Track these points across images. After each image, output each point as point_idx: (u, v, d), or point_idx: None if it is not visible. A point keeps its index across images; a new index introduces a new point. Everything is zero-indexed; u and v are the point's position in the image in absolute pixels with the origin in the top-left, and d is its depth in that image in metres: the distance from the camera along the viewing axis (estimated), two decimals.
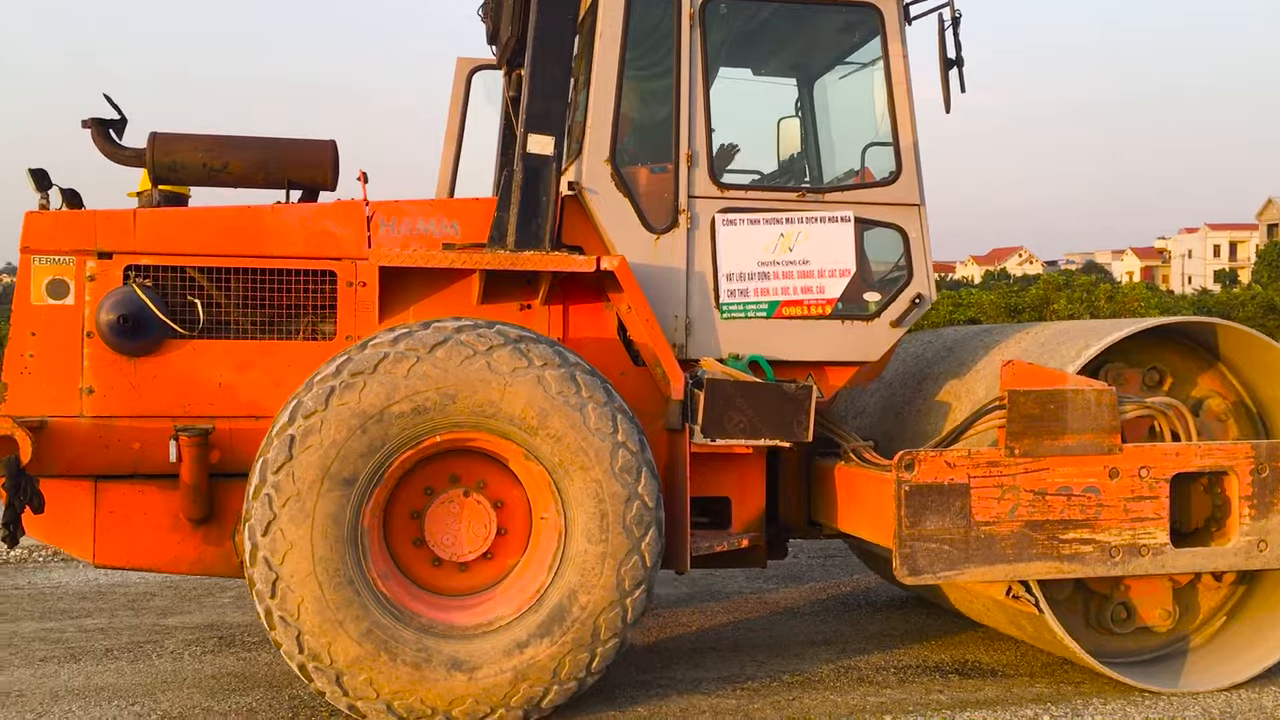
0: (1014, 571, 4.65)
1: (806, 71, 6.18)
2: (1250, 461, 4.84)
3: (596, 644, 4.43)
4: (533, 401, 4.34)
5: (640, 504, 4.42)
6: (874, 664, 5.51)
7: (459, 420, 4.32)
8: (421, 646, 4.31)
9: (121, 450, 4.74)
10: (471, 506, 4.61)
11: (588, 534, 4.40)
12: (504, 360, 4.33)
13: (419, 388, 4.28)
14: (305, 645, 4.24)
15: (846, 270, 5.16)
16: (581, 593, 4.40)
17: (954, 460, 4.61)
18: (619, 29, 4.99)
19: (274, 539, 4.20)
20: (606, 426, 4.38)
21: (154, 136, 4.95)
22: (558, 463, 4.39)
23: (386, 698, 4.27)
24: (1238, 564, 4.87)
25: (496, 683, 4.33)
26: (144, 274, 4.78)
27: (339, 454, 4.23)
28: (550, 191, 4.86)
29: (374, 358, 4.27)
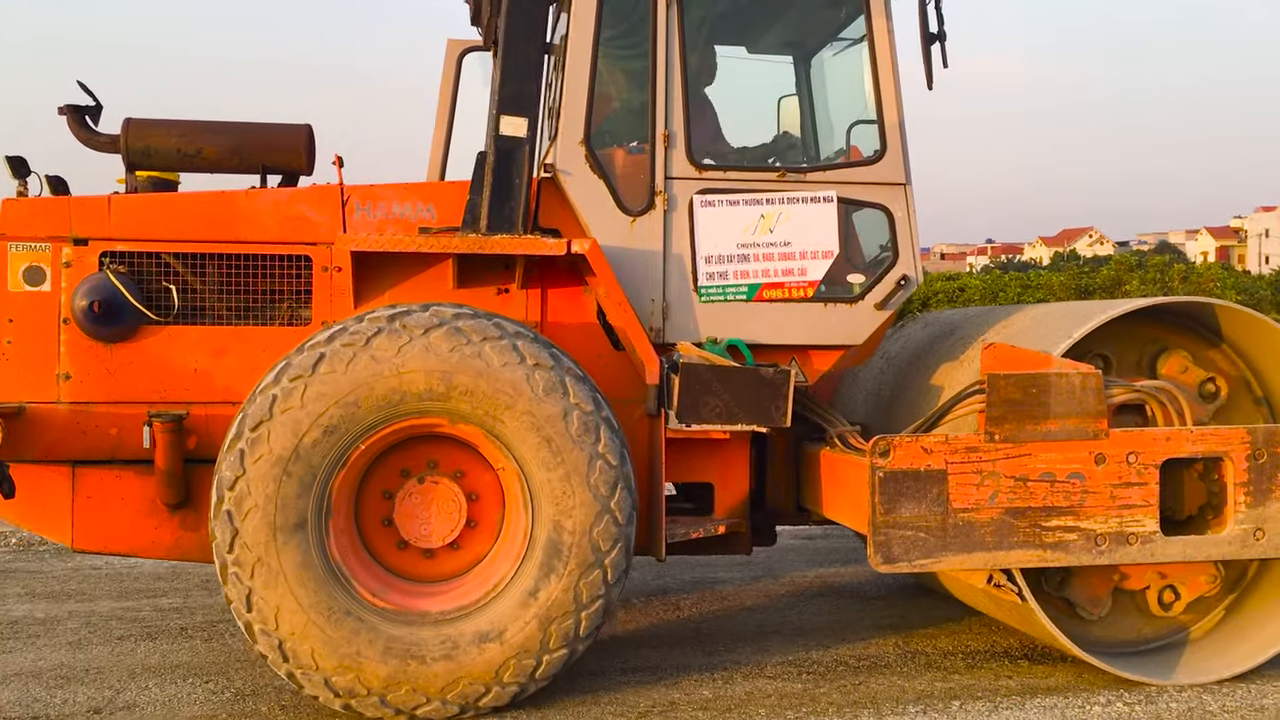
0: (993, 560, 4.53)
1: (801, 49, 6.05)
2: (1246, 447, 4.66)
3: (580, 609, 4.36)
4: (477, 374, 4.28)
5: (603, 463, 4.34)
6: (941, 649, 5.43)
7: (403, 410, 4.30)
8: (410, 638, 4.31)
9: (99, 436, 4.77)
10: (443, 494, 4.58)
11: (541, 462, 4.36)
12: (441, 341, 4.27)
13: (362, 378, 4.24)
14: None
15: (829, 252, 5.04)
16: (564, 518, 4.35)
17: (931, 446, 4.49)
18: (593, 8, 4.90)
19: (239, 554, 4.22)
20: (515, 357, 4.31)
21: (128, 122, 4.95)
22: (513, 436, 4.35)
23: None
24: (1232, 553, 4.70)
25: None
26: (119, 260, 4.80)
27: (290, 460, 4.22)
28: (523, 174, 4.80)
29: (311, 359, 4.25)
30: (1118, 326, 4.93)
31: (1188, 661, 4.97)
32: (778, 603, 6.36)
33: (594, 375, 4.90)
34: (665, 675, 4.98)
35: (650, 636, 5.67)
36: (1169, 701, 4.62)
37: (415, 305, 4.39)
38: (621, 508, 4.38)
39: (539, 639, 4.34)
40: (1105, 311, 4.75)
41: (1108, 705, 4.59)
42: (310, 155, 5.13)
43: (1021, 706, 4.58)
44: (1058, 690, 4.77)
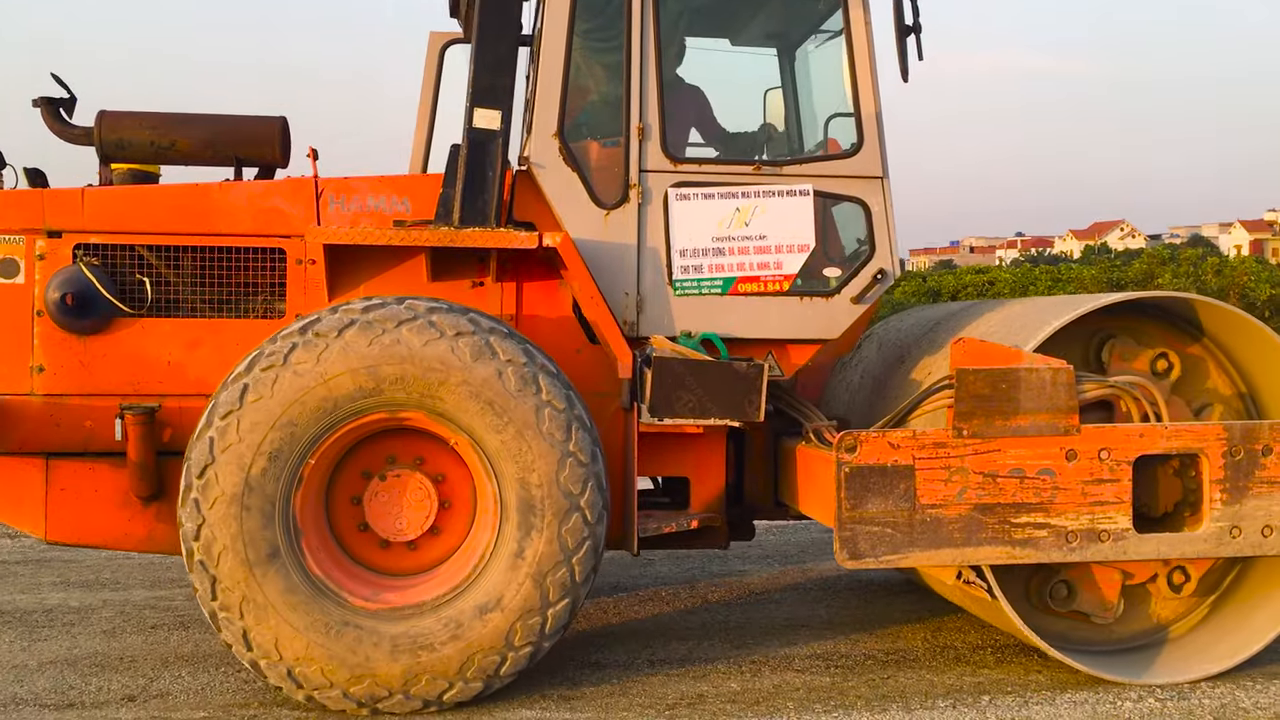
0: (961, 556, 4.50)
1: (785, 41, 6.01)
2: (1222, 443, 4.62)
3: (569, 556, 4.36)
4: (401, 360, 4.27)
5: (550, 410, 4.33)
6: (970, 643, 5.42)
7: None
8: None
9: (73, 428, 4.79)
10: (409, 485, 4.58)
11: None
12: (357, 338, 4.27)
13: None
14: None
15: (805, 245, 5.02)
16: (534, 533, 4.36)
17: (898, 441, 4.46)
18: (567, 2, 4.88)
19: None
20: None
21: (101, 115, 4.97)
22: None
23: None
24: (1208, 551, 4.66)
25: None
26: (92, 252, 4.81)
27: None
28: (496, 167, 4.79)
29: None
30: (1078, 324, 4.89)
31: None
32: (806, 595, 6.33)
33: (570, 369, 4.89)
34: (693, 667, 4.98)
35: (678, 628, 5.67)
36: (1201, 698, 4.57)
37: (324, 310, 4.38)
38: (582, 448, 4.35)
39: (537, 596, 4.33)
40: (1082, 305, 4.71)
41: (1139, 701, 4.54)
42: (285, 148, 5.14)
43: (1052, 701, 4.55)
44: (1088, 685, 4.71)
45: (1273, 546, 4.66)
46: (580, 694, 4.64)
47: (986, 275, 25.24)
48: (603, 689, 4.71)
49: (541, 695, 4.60)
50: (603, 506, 4.43)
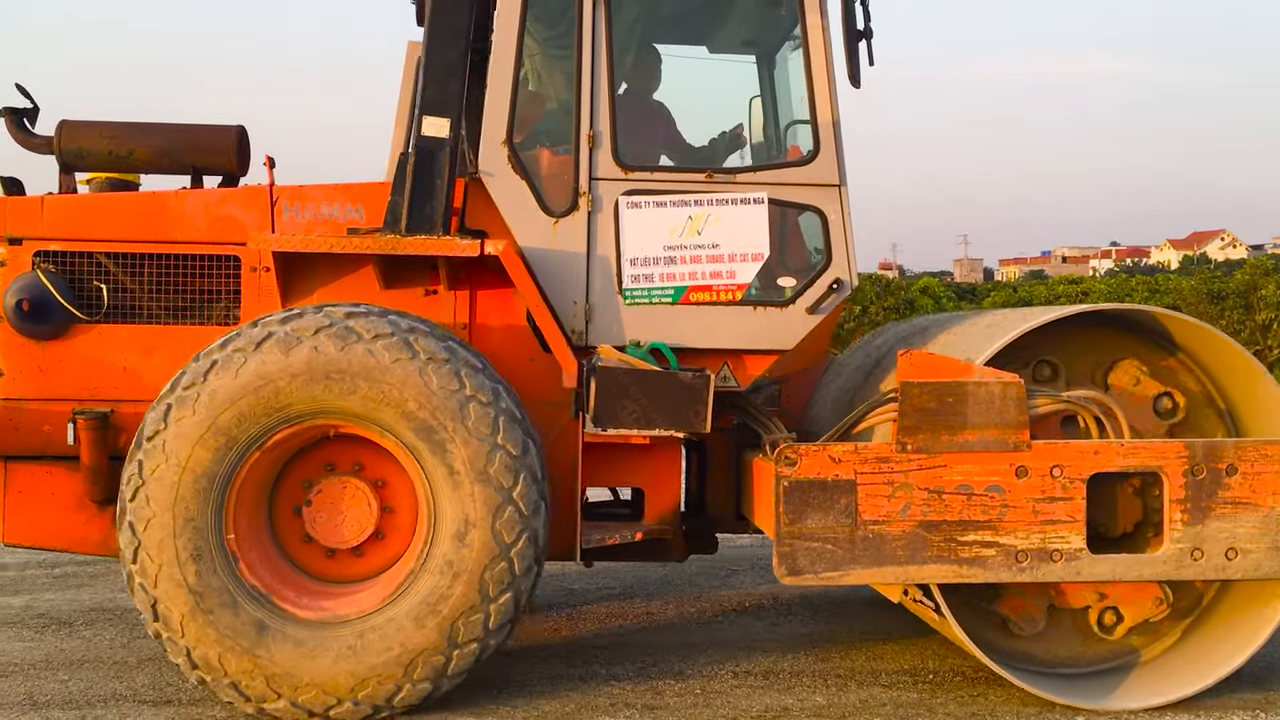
0: (905, 574, 4.38)
1: (761, 48, 5.93)
2: (1183, 462, 4.44)
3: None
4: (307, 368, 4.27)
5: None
6: None
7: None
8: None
9: (31, 432, 4.87)
10: (354, 494, 4.57)
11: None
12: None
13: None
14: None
15: (759, 254, 4.93)
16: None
17: (839, 455, 4.36)
18: (518, 8, 4.86)
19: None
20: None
21: (61, 124, 5.05)
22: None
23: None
24: (1167, 574, 4.48)
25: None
26: (50, 259, 4.89)
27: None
28: (445, 175, 4.78)
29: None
30: (1074, 334, 4.74)
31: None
32: (891, 609, 6.14)
33: (524, 377, 4.88)
34: (777, 679, 4.92)
35: (762, 640, 5.62)
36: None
37: (246, 324, 4.41)
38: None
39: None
40: (1038, 317, 4.56)
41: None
42: (242, 156, 5.18)
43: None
44: (1187, 708, 4.55)
45: (1237, 570, 4.47)
46: (664, 704, 4.61)
47: (1080, 286, 24.59)
48: (686, 699, 4.67)
49: (626, 705, 4.59)
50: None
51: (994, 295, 27.67)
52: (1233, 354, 4.65)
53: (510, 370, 4.85)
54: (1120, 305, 4.75)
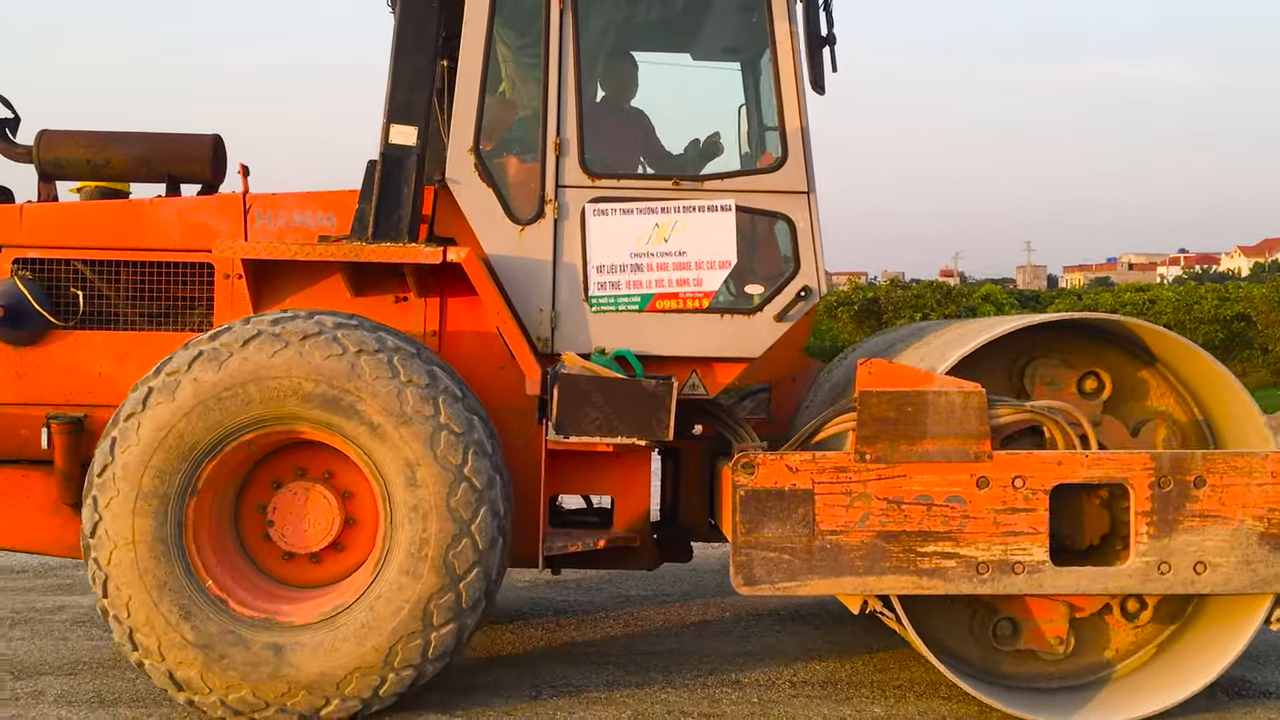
0: (864, 585, 4.33)
1: (743, 56, 5.90)
2: (1149, 474, 4.36)
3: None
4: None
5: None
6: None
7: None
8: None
9: (7, 436, 4.95)
10: (318, 501, 4.60)
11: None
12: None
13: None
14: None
15: (726, 262, 4.91)
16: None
17: (797, 464, 4.33)
18: (485, 17, 4.87)
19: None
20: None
21: (40, 134, 5.13)
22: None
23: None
24: (1132, 587, 4.40)
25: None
26: (28, 266, 4.97)
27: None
28: (411, 183, 4.80)
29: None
30: (1056, 344, 4.68)
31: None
32: None
33: (493, 385, 4.90)
34: (835, 690, 4.90)
35: (820, 650, 5.62)
36: None
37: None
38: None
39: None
40: (999, 327, 4.50)
41: None
42: (216, 165, 5.23)
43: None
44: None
45: (1206, 585, 4.38)
46: (721, 713, 4.62)
47: (1147, 294, 24.13)
48: (743, 709, 4.67)
49: (683, 713, 4.60)
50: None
51: (1058, 303, 27.28)
52: (1205, 365, 4.56)
53: (480, 377, 4.87)
54: (1090, 315, 4.68)
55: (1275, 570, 4.36)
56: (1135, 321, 4.62)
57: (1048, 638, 4.69)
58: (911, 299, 22.47)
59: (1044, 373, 4.71)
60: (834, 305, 23.50)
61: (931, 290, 24.08)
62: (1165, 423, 4.78)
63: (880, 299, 22.80)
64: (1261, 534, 4.36)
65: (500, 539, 4.42)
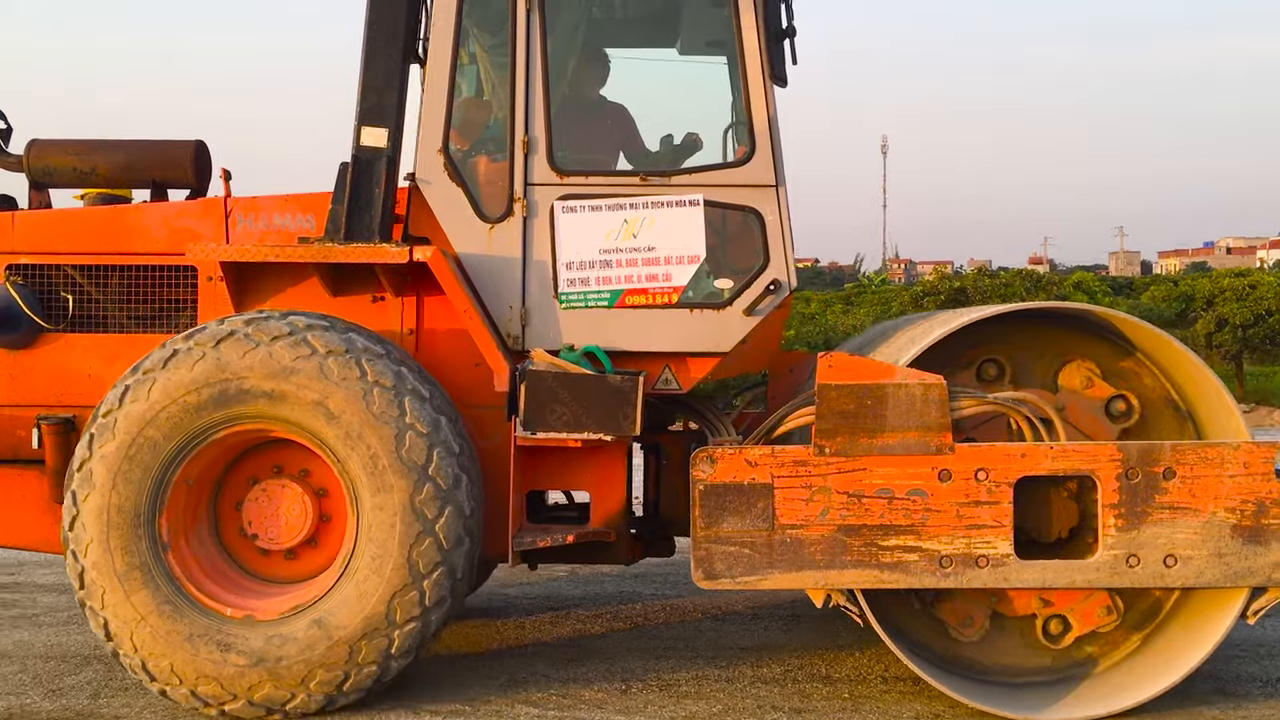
0: (825, 579, 4.32)
1: (728, 49, 5.88)
2: (1116, 465, 4.29)
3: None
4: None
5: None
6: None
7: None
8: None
9: (3, 436, 5.10)
10: (292, 498, 4.69)
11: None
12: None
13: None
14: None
15: (695, 257, 4.91)
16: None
17: (756, 459, 4.33)
18: (452, 17, 4.93)
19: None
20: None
21: (30, 143, 5.28)
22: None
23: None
24: (1100, 581, 4.33)
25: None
26: (20, 272, 5.13)
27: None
28: (383, 184, 4.87)
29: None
30: (1025, 333, 4.63)
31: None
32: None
33: (469, 383, 4.96)
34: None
35: None
36: None
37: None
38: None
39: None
40: (959, 319, 4.45)
41: None
42: (199, 170, 5.34)
43: None
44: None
45: (1177, 578, 4.30)
46: (812, 708, 4.61)
47: (1247, 279, 23.41)
48: (834, 704, 4.66)
49: (773, 707, 4.61)
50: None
51: (1153, 289, 26.66)
52: (1180, 356, 4.47)
53: (456, 375, 4.94)
54: (1061, 304, 4.61)
55: (1249, 563, 4.27)
56: (1109, 311, 4.54)
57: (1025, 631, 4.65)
58: (1000, 288, 22.00)
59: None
60: (920, 295, 23.08)
61: (1020, 278, 23.47)
62: (1151, 410, 4.69)
63: (968, 288, 22.28)
64: (1234, 526, 4.27)
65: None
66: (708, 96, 5.89)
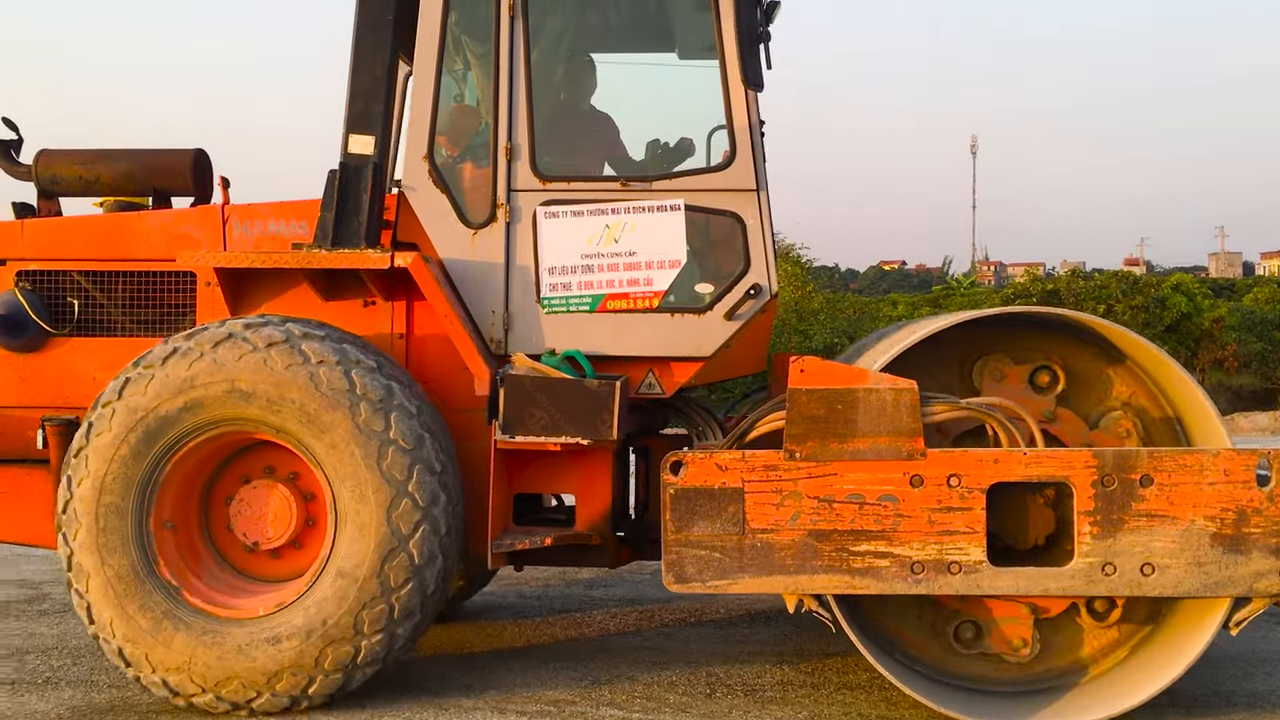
0: (795, 584, 4.31)
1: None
2: (1092, 472, 4.22)
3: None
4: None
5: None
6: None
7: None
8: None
9: (13, 437, 5.28)
10: (279, 499, 4.79)
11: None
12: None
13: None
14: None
15: (676, 261, 4.93)
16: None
17: (726, 463, 4.33)
18: (437, 26, 5.00)
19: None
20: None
21: (39, 154, 5.46)
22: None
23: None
24: (1075, 589, 4.27)
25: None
26: (29, 278, 5.30)
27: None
28: (369, 191, 4.96)
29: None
30: (1018, 338, 4.60)
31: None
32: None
33: (458, 387, 5.01)
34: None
35: None
36: None
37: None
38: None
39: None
40: (932, 325, 4.42)
41: None
42: (199, 178, 5.47)
43: None
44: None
45: (1154, 587, 4.22)
46: (899, 716, 4.63)
47: None
48: (920, 711, 4.56)
49: (860, 715, 4.64)
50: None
51: (1256, 291, 26.00)
52: (1160, 362, 4.39)
53: (445, 378, 5.03)
54: (1043, 309, 4.56)
55: (1229, 573, 4.18)
56: (1080, 315, 4.48)
57: (1010, 640, 4.60)
58: (1094, 290, 21.55)
59: (992, 368, 4.60)
60: (1010, 298, 22.72)
61: (1116, 281, 22.92)
62: (1129, 415, 4.62)
63: (1060, 291, 21.82)
64: (1214, 535, 4.18)
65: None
66: (705, 101, 5.91)
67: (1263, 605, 4.23)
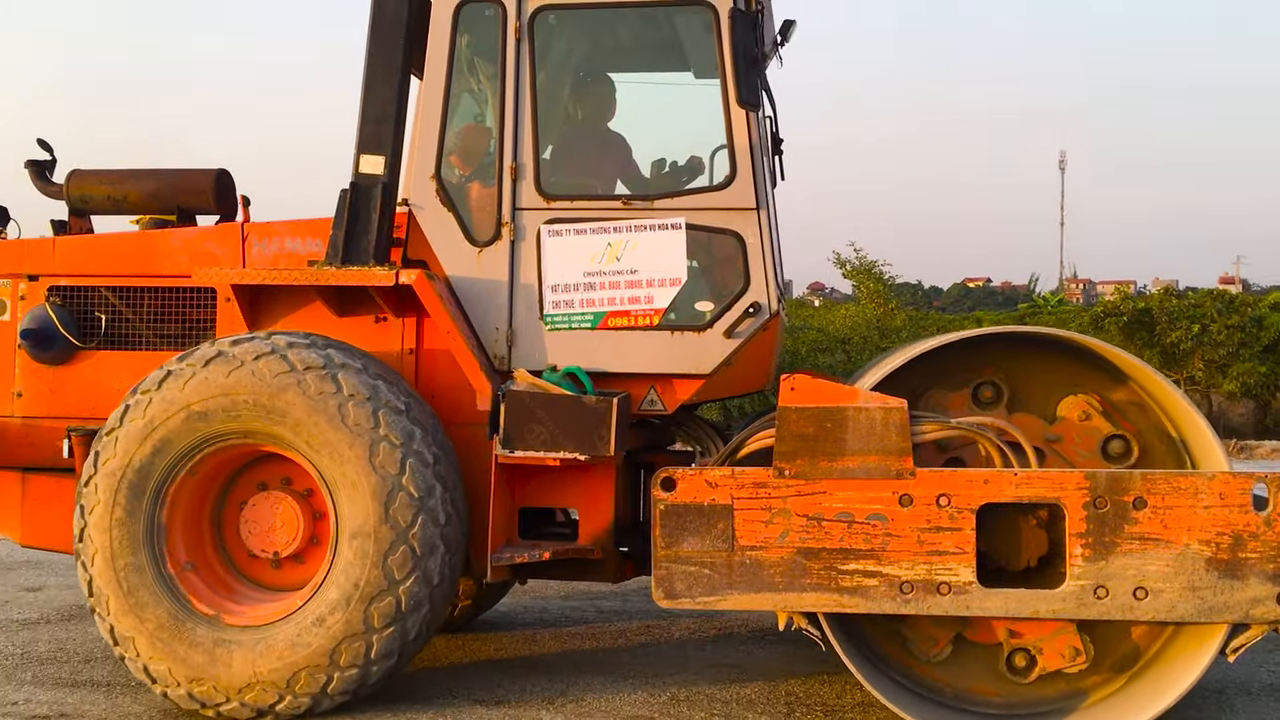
0: (784, 602, 4.33)
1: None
2: (1083, 493, 4.19)
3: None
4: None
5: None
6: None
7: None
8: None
9: (44, 446, 5.49)
10: (287, 511, 4.92)
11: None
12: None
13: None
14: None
15: (677, 280, 4.98)
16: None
17: (716, 480, 4.37)
18: (445, 47, 5.11)
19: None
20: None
21: (71, 173, 5.68)
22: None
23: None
24: (1067, 612, 4.23)
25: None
26: (59, 293, 5.52)
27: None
28: (379, 209, 5.09)
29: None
30: (1026, 359, 4.58)
31: None
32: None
33: (464, 401, 5.10)
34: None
35: None
36: None
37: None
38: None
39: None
40: (924, 345, 4.42)
41: None
42: (220, 197, 5.64)
43: None
44: None
45: (1147, 611, 4.17)
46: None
47: None
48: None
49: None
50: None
51: None
52: (1158, 385, 4.34)
53: (454, 392, 5.12)
54: (1035, 329, 4.53)
55: (1225, 598, 4.11)
56: (1064, 333, 4.46)
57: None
58: (1188, 309, 20.93)
59: (934, 403, 4.59)
60: (1100, 316, 22.12)
61: (1211, 299, 22.20)
62: (1081, 396, 4.57)
63: (1153, 309, 21.24)
64: (1209, 559, 4.12)
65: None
66: (714, 120, 5.96)
67: (1261, 632, 4.16)
